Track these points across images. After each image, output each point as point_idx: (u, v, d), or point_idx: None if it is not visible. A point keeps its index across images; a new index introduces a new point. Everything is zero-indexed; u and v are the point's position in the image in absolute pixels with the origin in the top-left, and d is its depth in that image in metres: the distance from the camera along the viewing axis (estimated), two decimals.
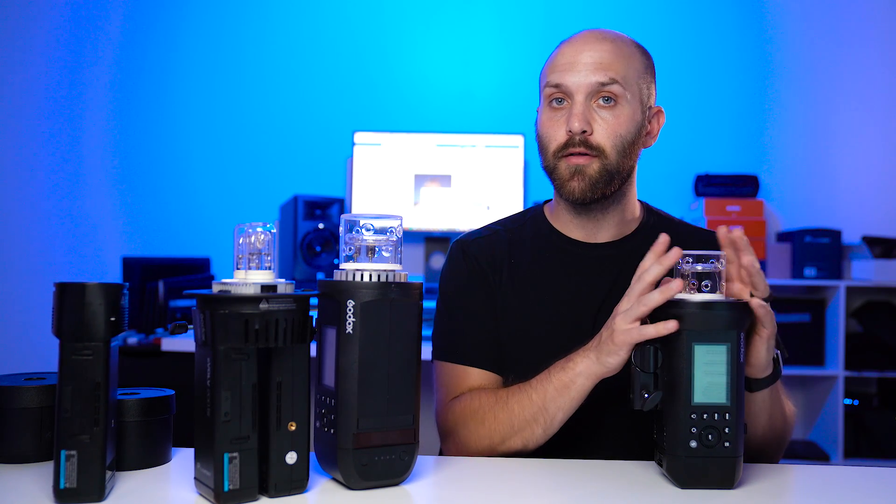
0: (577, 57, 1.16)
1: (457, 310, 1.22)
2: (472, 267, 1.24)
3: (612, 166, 1.15)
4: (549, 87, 1.17)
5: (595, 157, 1.14)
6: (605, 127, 1.14)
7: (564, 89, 1.16)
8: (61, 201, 3.33)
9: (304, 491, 0.86)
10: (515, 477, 0.97)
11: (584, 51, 1.16)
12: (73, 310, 0.80)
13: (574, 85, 1.15)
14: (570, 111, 1.15)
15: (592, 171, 1.14)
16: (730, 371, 0.90)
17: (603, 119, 1.15)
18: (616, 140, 1.15)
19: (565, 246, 1.24)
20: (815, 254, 3.01)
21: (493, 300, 1.21)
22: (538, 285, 1.21)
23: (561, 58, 1.18)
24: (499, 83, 3.32)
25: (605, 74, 1.14)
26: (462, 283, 1.23)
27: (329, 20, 3.38)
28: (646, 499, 0.88)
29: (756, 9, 3.35)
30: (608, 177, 1.15)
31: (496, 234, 1.27)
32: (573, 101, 1.15)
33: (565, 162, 1.16)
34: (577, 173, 1.15)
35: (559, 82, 1.16)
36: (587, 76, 1.14)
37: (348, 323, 0.85)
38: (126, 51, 3.38)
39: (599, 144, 1.14)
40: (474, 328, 1.20)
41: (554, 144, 1.17)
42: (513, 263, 1.23)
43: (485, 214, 2.97)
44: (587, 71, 1.14)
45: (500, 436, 1.07)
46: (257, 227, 0.87)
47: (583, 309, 1.19)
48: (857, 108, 3.30)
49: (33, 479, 0.89)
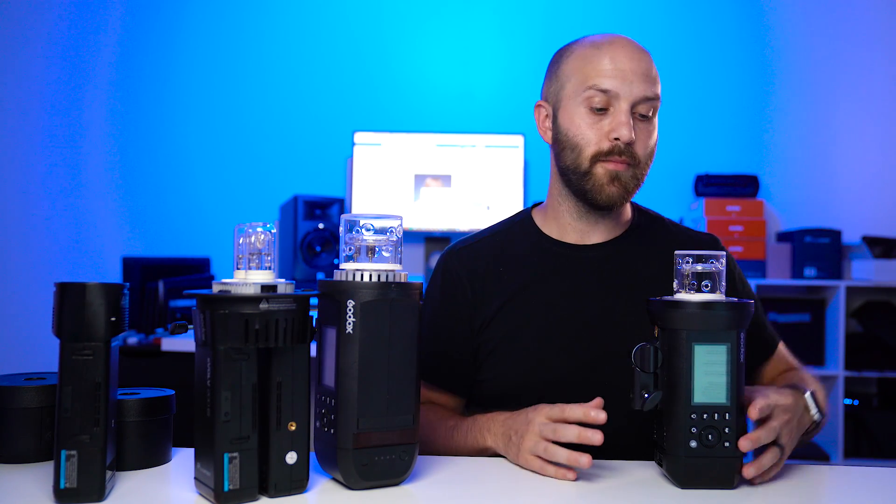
0: (627, 65, 1.13)
1: (424, 326, 1.23)
2: (448, 284, 1.25)
3: (642, 175, 1.17)
4: (594, 90, 1.14)
5: (632, 165, 1.15)
6: (642, 139, 1.15)
7: (612, 95, 1.13)
8: (61, 201, 3.33)
9: (304, 491, 0.86)
10: (515, 477, 0.97)
11: (629, 59, 1.14)
12: (74, 310, 0.80)
13: (625, 94, 1.13)
14: (615, 119, 1.13)
15: (628, 177, 1.15)
16: (730, 371, 0.90)
17: (641, 131, 1.15)
18: (648, 152, 1.17)
19: (554, 249, 1.24)
20: (815, 254, 3.01)
21: (468, 317, 1.22)
22: (527, 290, 1.21)
23: (608, 62, 1.14)
24: (499, 83, 3.32)
25: (652, 89, 1.15)
26: (434, 304, 1.26)
27: (329, 20, 3.38)
28: (646, 499, 0.89)
29: (756, 9, 3.35)
30: (637, 185, 1.17)
31: (482, 243, 1.28)
32: (617, 110, 1.14)
33: (603, 167, 1.15)
34: (616, 179, 1.15)
35: (609, 88, 1.13)
36: (638, 87, 1.13)
37: (348, 323, 0.85)
38: (126, 51, 3.38)
39: (637, 155, 1.15)
40: (433, 348, 1.22)
41: (592, 148, 1.15)
42: (500, 271, 1.23)
43: (485, 214, 2.97)
44: (638, 81, 1.13)
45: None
46: (257, 227, 0.87)
47: (572, 310, 1.19)
48: (857, 108, 3.30)
49: (33, 479, 0.89)
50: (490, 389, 1.21)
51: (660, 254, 1.21)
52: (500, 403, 1.13)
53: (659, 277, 1.17)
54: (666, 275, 1.15)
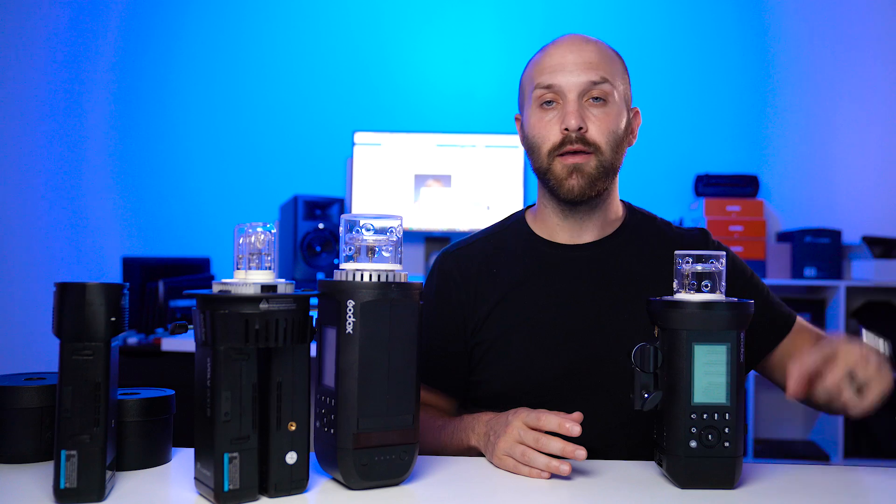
0: (565, 58, 1.17)
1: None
2: (443, 285, 1.26)
3: (607, 162, 1.16)
4: (540, 88, 1.18)
5: (591, 153, 1.15)
6: (598, 124, 1.16)
7: (556, 89, 1.16)
8: (61, 201, 3.33)
9: (304, 491, 0.86)
10: (515, 477, 0.97)
11: (571, 52, 1.17)
12: (74, 310, 0.80)
13: (567, 84, 1.16)
14: (563, 110, 1.16)
15: (590, 168, 1.16)
16: (730, 371, 0.90)
17: (596, 117, 1.16)
18: (610, 136, 1.16)
19: (545, 250, 1.24)
20: (815, 254, 3.01)
21: (462, 318, 1.23)
22: (519, 291, 1.21)
23: (549, 60, 1.18)
24: (499, 83, 3.32)
25: (596, 73, 1.16)
26: (429, 305, 1.26)
27: (329, 20, 3.38)
28: (646, 499, 0.89)
29: (756, 9, 3.35)
30: (604, 173, 1.17)
31: (476, 245, 1.29)
32: (565, 101, 1.16)
33: (561, 161, 1.16)
34: (574, 171, 1.15)
35: (551, 83, 1.16)
36: (579, 75, 1.16)
37: (348, 323, 0.85)
38: (126, 51, 3.38)
39: (595, 141, 1.15)
40: (427, 349, 1.21)
41: (548, 144, 1.17)
42: (494, 273, 1.24)
43: (485, 214, 2.97)
44: (578, 70, 1.16)
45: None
46: (257, 227, 0.87)
47: (564, 310, 1.19)
48: (857, 108, 3.30)
49: (33, 479, 0.89)
50: (484, 390, 1.21)
51: (650, 253, 1.21)
52: (495, 404, 1.13)
53: (650, 276, 1.17)
54: (657, 273, 1.15)
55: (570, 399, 1.12)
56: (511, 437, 0.99)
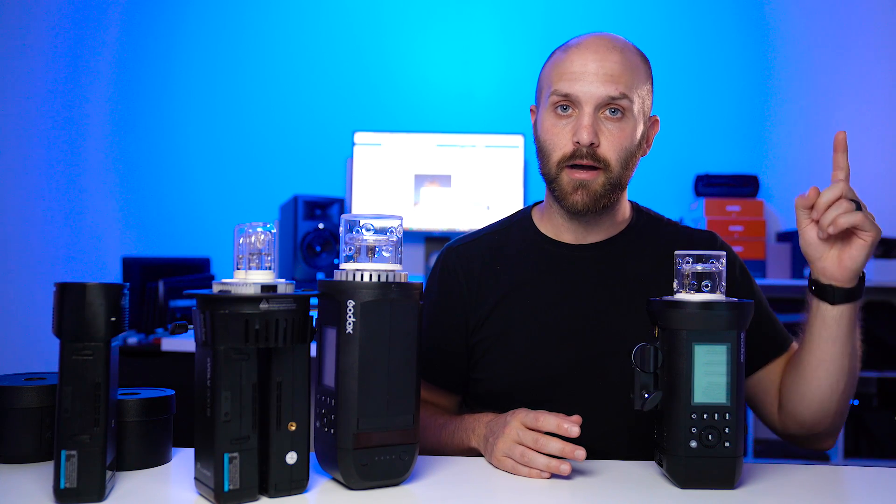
0: (586, 66, 1.12)
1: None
2: (445, 281, 1.25)
3: (615, 179, 1.14)
4: (557, 94, 1.14)
5: (600, 170, 1.13)
6: (611, 140, 1.12)
7: (573, 98, 1.12)
8: (61, 201, 3.33)
9: (304, 491, 0.86)
10: (515, 477, 0.97)
11: (594, 60, 1.12)
12: (74, 310, 0.80)
13: (584, 95, 1.12)
14: (577, 121, 1.12)
15: (597, 185, 1.13)
16: (730, 371, 0.90)
17: (609, 132, 1.12)
18: (621, 153, 1.13)
19: (550, 248, 1.23)
20: None
21: (464, 314, 1.22)
22: (522, 289, 1.21)
23: (569, 65, 1.14)
24: (499, 83, 3.32)
25: (616, 88, 1.11)
26: (431, 300, 1.25)
27: (329, 20, 3.38)
28: (646, 499, 0.88)
29: (756, 9, 3.35)
30: (611, 189, 1.14)
31: (480, 241, 1.28)
32: (581, 112, 1.12)
33: (568, 175, 1.14)
34: (580, 187, 1.13)
35: (568, 92, 1.12)
36: (598, 88, 1.11)
37: (348, 323, 0.85)
38: (126, 51, 3.38)
39: (606, 157, 1.12)
40: (429, 345, 1.21)
41: (558, 154, 1.14)
42: (497, 270, 1.23)
43: (485, 214, 2.97)
44: (598, 82, 1.11)
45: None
46: (257, 227, 0.87)
47: (567, 310, 1.18)
48: (857, 109, 3.30)
49: (33, 479, 0.89)
50: (485, 388, 1.21)
51: (656, 253, 1.20)
52: (496, 402, 1.13)
53: (655, 277, 1.17)
54: (662, 274, 1.14)
55: (571, 398, 1.12)
56: (509, 438, 0.99)
